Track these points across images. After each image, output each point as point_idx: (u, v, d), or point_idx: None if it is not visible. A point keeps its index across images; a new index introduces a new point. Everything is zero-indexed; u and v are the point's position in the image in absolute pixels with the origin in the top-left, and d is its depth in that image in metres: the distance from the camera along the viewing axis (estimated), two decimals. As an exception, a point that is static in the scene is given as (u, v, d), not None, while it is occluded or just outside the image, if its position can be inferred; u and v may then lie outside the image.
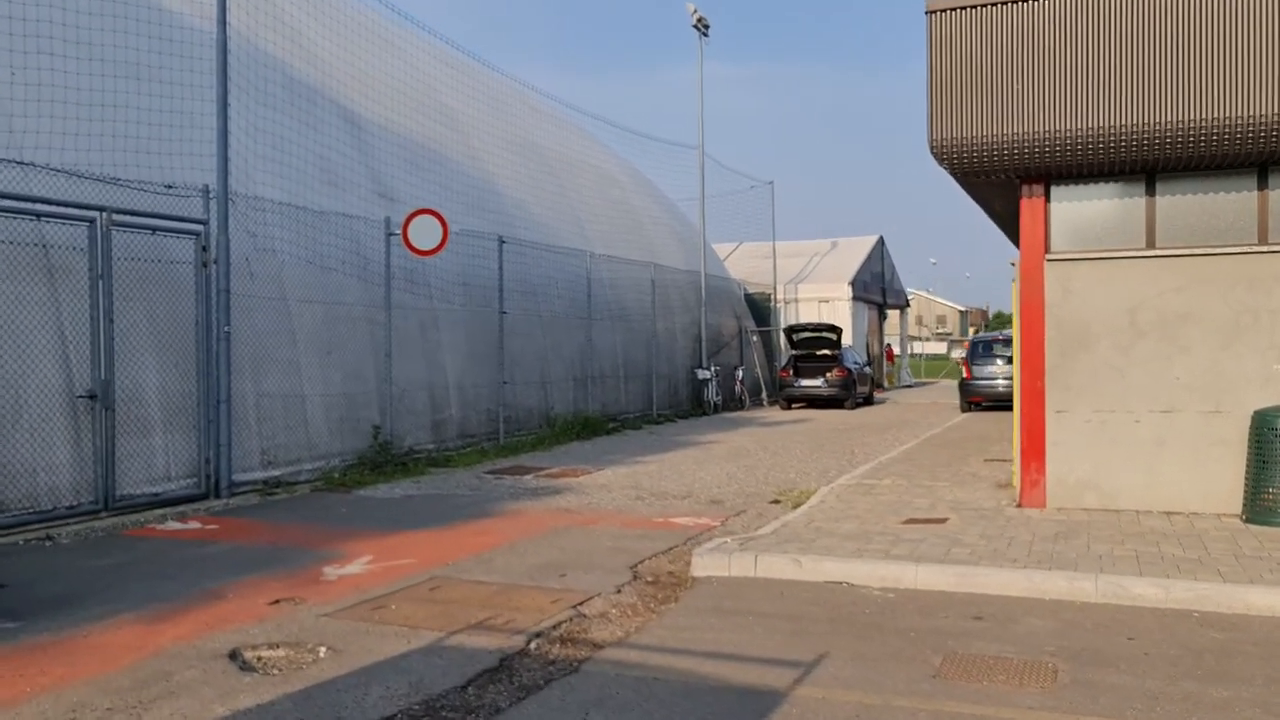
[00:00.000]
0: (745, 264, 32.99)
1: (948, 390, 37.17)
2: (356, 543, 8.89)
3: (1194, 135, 8.59)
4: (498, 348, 16.84)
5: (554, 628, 6.21)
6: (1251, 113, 8.37)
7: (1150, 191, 9.37)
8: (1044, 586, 6.74)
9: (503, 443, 16.54)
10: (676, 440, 18.10)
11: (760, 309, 31.00)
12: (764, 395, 28.99)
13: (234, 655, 5.71)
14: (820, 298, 32.63)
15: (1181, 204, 9.30)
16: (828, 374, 26.28)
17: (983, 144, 9.10)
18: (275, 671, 5.46)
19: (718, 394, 25.64)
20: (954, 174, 9.46)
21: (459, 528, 9.63)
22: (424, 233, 13.98)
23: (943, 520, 9.13)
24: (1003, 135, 9.04)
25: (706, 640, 5.94)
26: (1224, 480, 8.97)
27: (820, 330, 27.33)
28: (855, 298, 32.83)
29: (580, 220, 21.62)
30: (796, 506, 10.55)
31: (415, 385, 15.00)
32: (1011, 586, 6.82)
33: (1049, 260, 9.51)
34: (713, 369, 25.47)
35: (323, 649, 5.82)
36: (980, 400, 24.07)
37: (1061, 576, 6.76)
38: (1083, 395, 9.40)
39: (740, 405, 27.17)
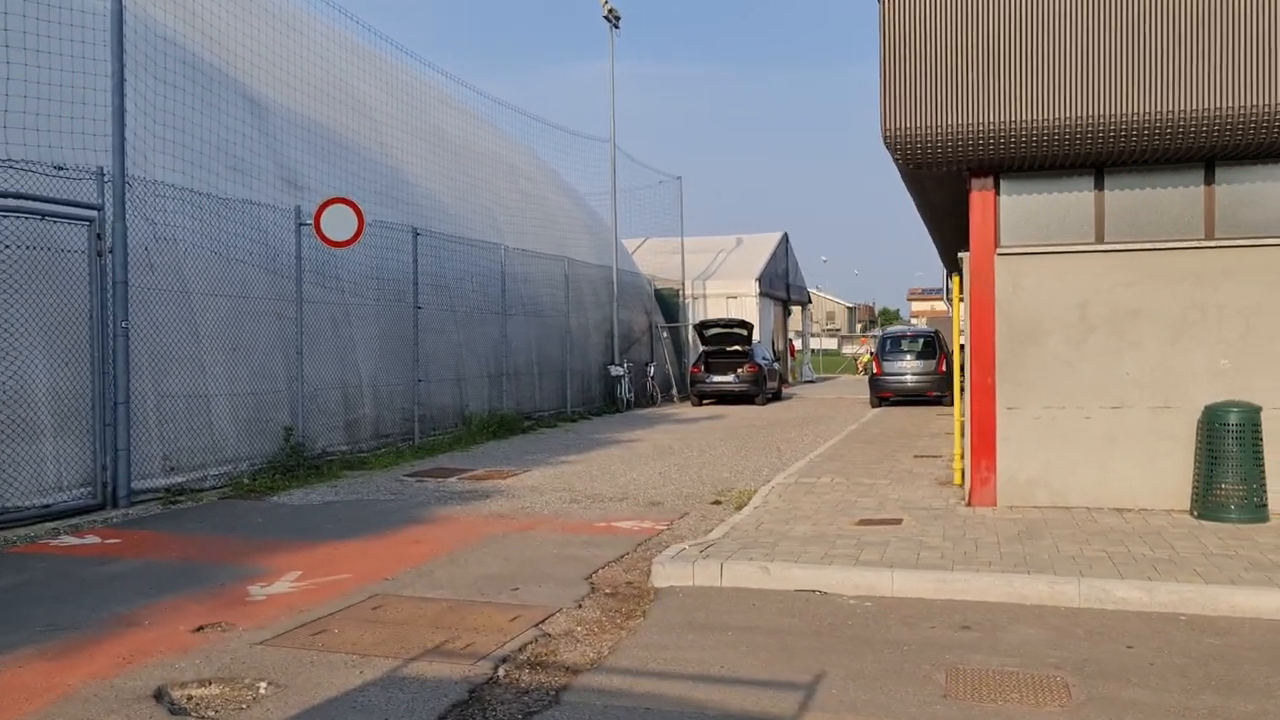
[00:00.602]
0: (652, 259, 32.65)
1: (848, 385, 37.60)
2: (281, 556, 8.17)
3: (1142, 129, 8.52)
4: (412, 344, 16.10)
5: (519, 650, 5.69)
6: (1200, 106, 8.34)
7: (1099, 186, 9.29)
8: (1025, 591, 6.51)
9: (418, 443, 15.81)
10: (596, 439, 17.63)
11: (669, 305, 30.73)
12: (674, 391, 28.72)
13: (160, 695, 5.03)
14: (728, 294, 32.52)
15: (1130, 198, 9.24)
16: (739, 370, 26.14)
17: (934, 135, 8.89)
18: (211, 714, 4.81)
19: (630, 391, 25.25)
20: (906, 165, 9.22)
21: (390, 537, 8.99)
22: (338, 223, 13.20)
23: (897, 521, 8.88)
24: (953, 126, 8.84)
25: (690, 661, 5.51)
26: (1173, 476, 8.94)
27: (731, 326, 27.18)
28: (762, 294, 32.83)
29: (492, 213, 20.94)
30: (740, 508, 10.21)
31: (327, 384, 14.18)
32: (991, 592, 6.57)
33: (999, 254, 9.35)
34: (626, 365, 25.07)
35: (263, 684, 5.18)
36: (890, 395, 24.24)
37: (1042, 581, 6.54)
38: (1033, 391, 9.27)
39: (652, 402, 26.84)
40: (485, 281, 19.10)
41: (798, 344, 42.35)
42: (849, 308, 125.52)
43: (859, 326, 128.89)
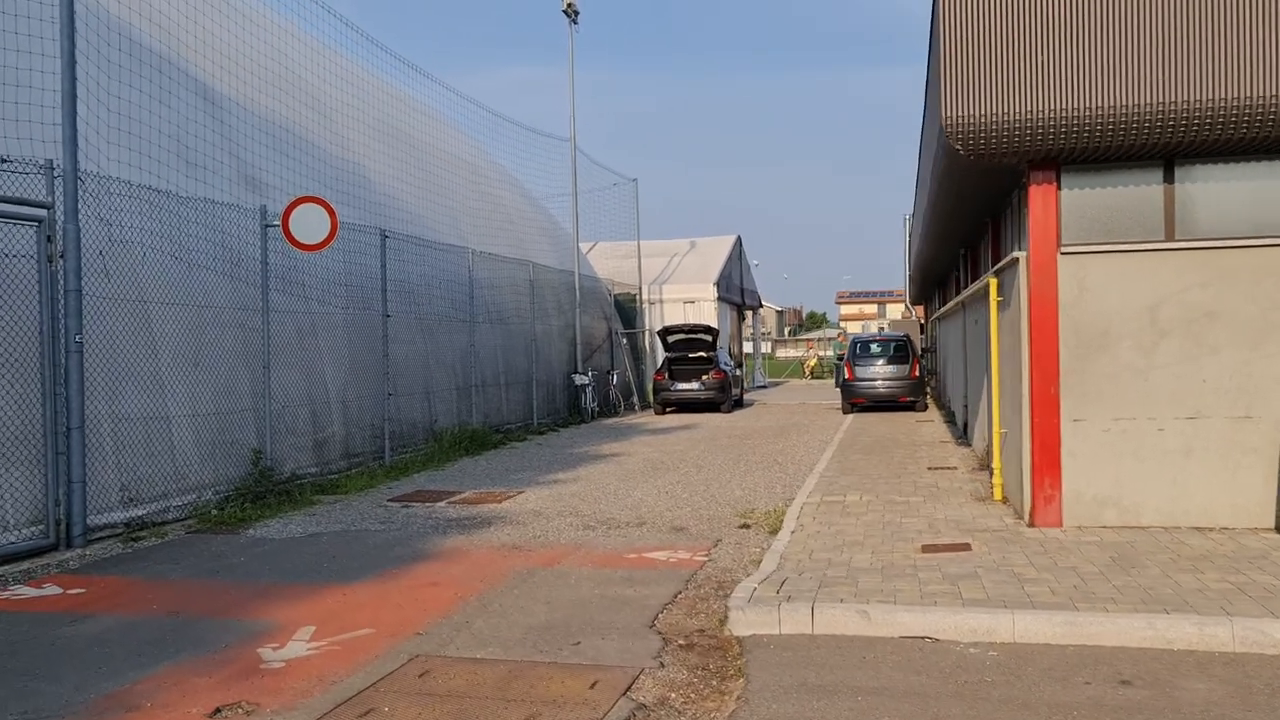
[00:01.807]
0: (605, 264, 31.68)
1: (803, 390, 37.10)
2: (283, 606, 7.06)
3: (1217, 116, 7.88)
4: (381, 356, 14.93)
5: (621, 730, 4.73)
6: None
7: (1169, 179, 8.64)
8: (1170, 635, 5.73)
9: (389, 463, 14.65)
10: (576, 454, 16.63)
11: (625, 310, 29.80)
12: (635, 400, 27.80)
13: (195, 811, 3.96)
14: (685, 298, 31.71)
15: (1203, 192, 8.61)
16: (704, 377, 25.34)
17: (998, 122, 8.14)
18: (269, 838, 3.77)
19: (594, 400, 24.26)
20: (967, 155, 8.44)
21: (401, 578, 7.91)
22: (309, 225, 12.03)
23: (965, 546, 8.09)
24: (1015, 113, 8.11)
25: (832, 738, 4.60)
26: (1255, 492, 8.31)
27: (695, 332, 26.38)
28: (720, 298, 32.10)
29: (455, 215, 19.80)
30: (773, 532, 9.35)
31: (295, 400, 12.97)
32: (1130, 635, 5.78)
33: (1063, 254, 8.63)
34: (589, 374, 24.08)
35: (322, 789, 4.14)
36: (863, 401, 23.65)
37: (1187, 622, 5.77)
38: (1101, 402, 8.56)
39: (615, 411, 25.89)
40: (451, 287, 17.97)
41: (749, 348, 41.77)
42: (778, 311, 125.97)
43: (787, 330, 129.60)
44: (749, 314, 42.14)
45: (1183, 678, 5.27)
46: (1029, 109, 8.10)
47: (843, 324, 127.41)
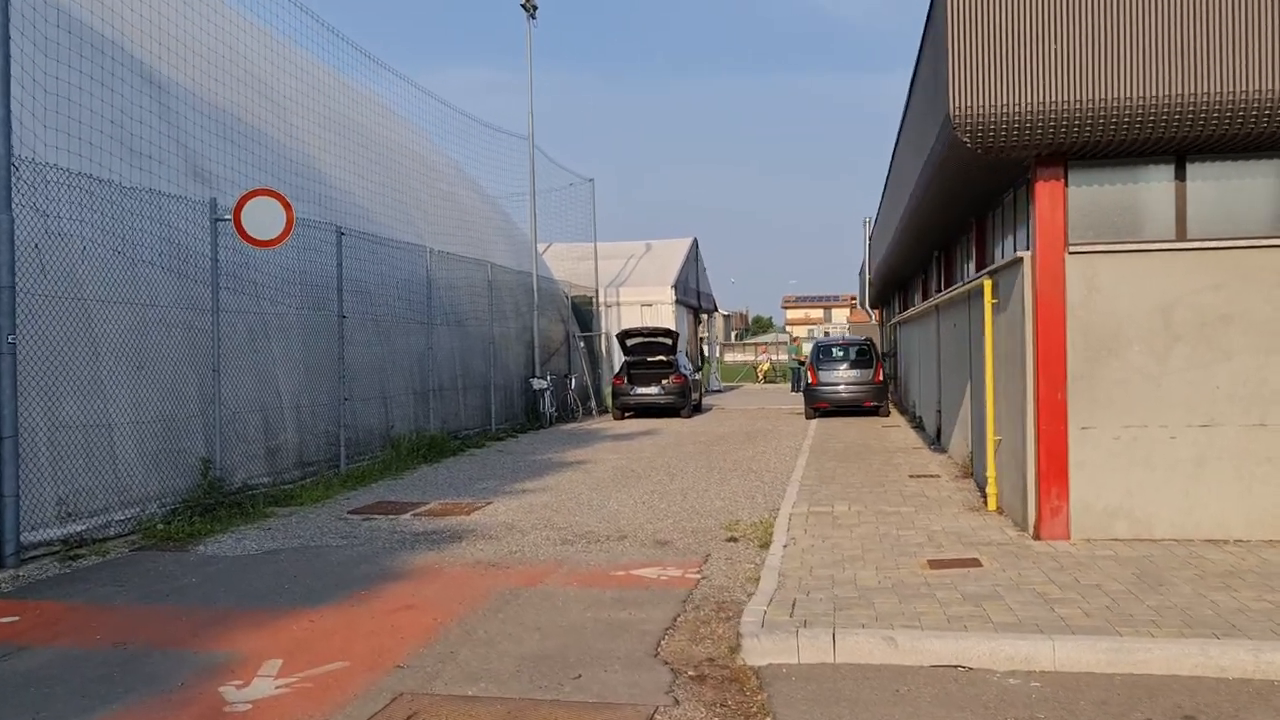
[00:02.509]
0: (560, 265, 31.05)
1: (758, 394, 36.74)
2: (245, 635, 6.39)
3: (1227, 109, 7.54)
4: (337, 359, 14.19)
5: (645, 782, 4.17)
6: (1297, 89, 7.40)
7: (1180, 175, 8.30)
8: (1224, 662, 5.32)
9: (345, 471, 13.92)
10: (539, 461, 16.01)
11: (583, 313, 29.17)
12: (593, 404, 27.21)
13: None
14: (643, 301, 31.20)
15: (1216, 189, 8.29)
16: (664, 381, 24.84)
17: (1007, 115, 7.73)
18: None
19: (552, 405, 23.63)
20: (974, 149, 8.01)
21: (371, 600, 7.27)
22: (262, 219, 11.30)
23: (974, 562, 7.65)
24: (1023, 105, 7.71)
25: (887, 790, 4.08)
26: (1270, 502, 7.99)
27: (655, 335, 25.87)
28: (677, 301, 31.64)
29: (410, 214, 19.07)
30: (765, 546, 8.86)
31: (246, 406, 12.20)
32: (1182, 663, 5.36)
33: (1071, 253, 8.25)
34: (548, 378, 23.44)
35: None
36: (826, 406, 23.29)
37: (1241, 649, 5.35)
38: (1111, 408, 8.19)
39: (573, 416, 25.28)
40: (409, 288, 17.26)
41: (705, 351, 41.38)
42: (725, 315, 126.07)
43: (734, 334, 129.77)
44: (704, 317, 41.79)
45: (1246, 710, 4.85)
46: (1039, 100, 7.70)
47: (789, 328, 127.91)
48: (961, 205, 11.72)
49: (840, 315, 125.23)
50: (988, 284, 9.81)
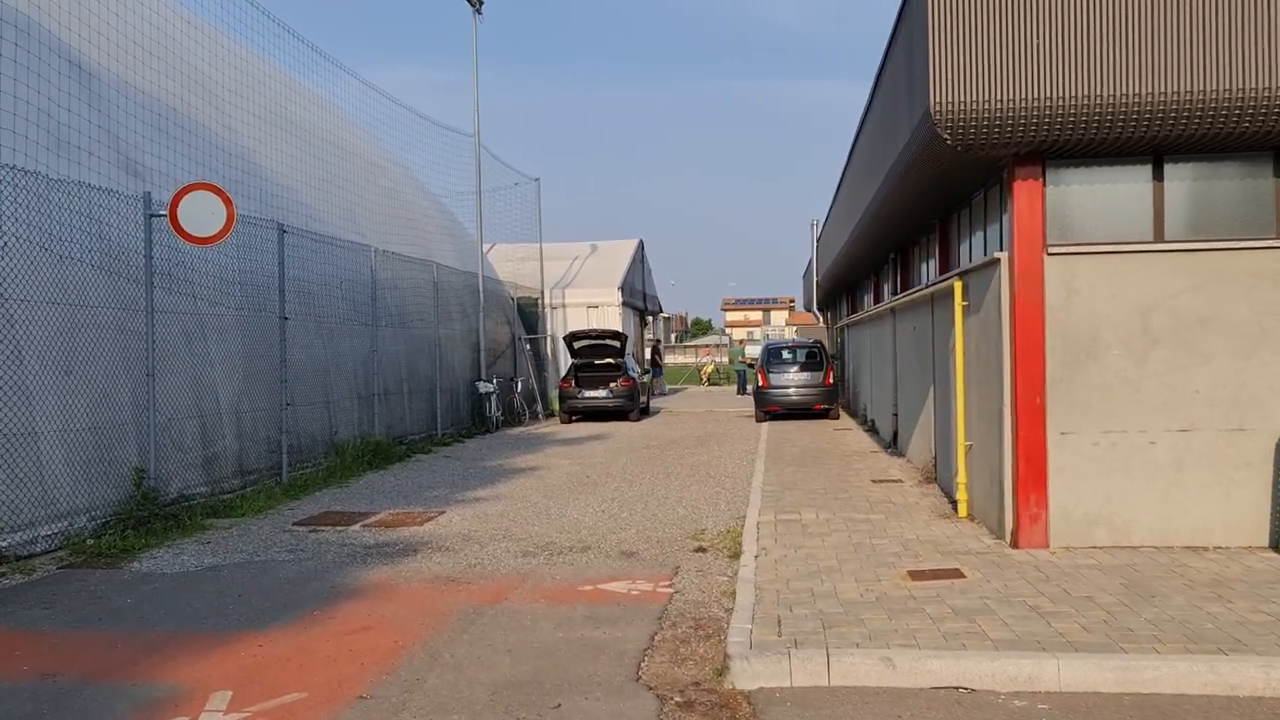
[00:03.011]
0: (504, 266, 30.48)
1: (704, 397, 36.53)
2: (188, 663, 5.87)
3: (1206, 109, 7.41)
4: (278, 362, 13.57)
5: (646, 829, 3.79)
6: (1275, 85, 7.29)
7: (1158, 176, 8.15)
8: (1234, 680, 5.10)
9: (288, 480, 13.31)
10: (490, 467, 15.53)
11: (527, 315, 28.66)
12: (539, 408, 26.72)
13: None
14: (589, 303, 30.76)
15: (1193, 190, 8.15)
16: (613, 384, 24.46)
17: (989, 110, 7.50)
18: None
19: (498, 409, 23.10)
20: (954, 146, 7.77)
21: (325, 621, 6.79)
22: (200, 214, 10.72)
23: (956, 573, 7.40)
24: (1004, 101, 7.49)
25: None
26: (1249, 508, 7.87)
27: (603, 338, 25.48)
28: (624, 303, 31.27)
29: (353, 212, 18.45)
30: (734, 556, 8.54)
31: (182, 412, 11.56)
32: (1190, 681, 5.13)
33: (1050, 254, 8.05)
34: (494, 381, 22.92)
35: None
36: (777, 409, 23.11)
37: (1251, 665, 5.15)
38: (1090, 413, 8.01)
39: (520, 420, 24.78)
40: (352, 288, 16.65)
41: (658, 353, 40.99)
42: (665, 318, 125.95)
43: (674, 336, 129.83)
44: (650, 319, 41.47)
45: (1271, 733, 4.63)
46: (1020, 96, 7.49)
47: (728, 330, 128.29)
48: (926, 206, 11.53)
49: (779, 317, 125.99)
50: (958, 285, 9.60)
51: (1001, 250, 8.33)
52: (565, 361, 28.14)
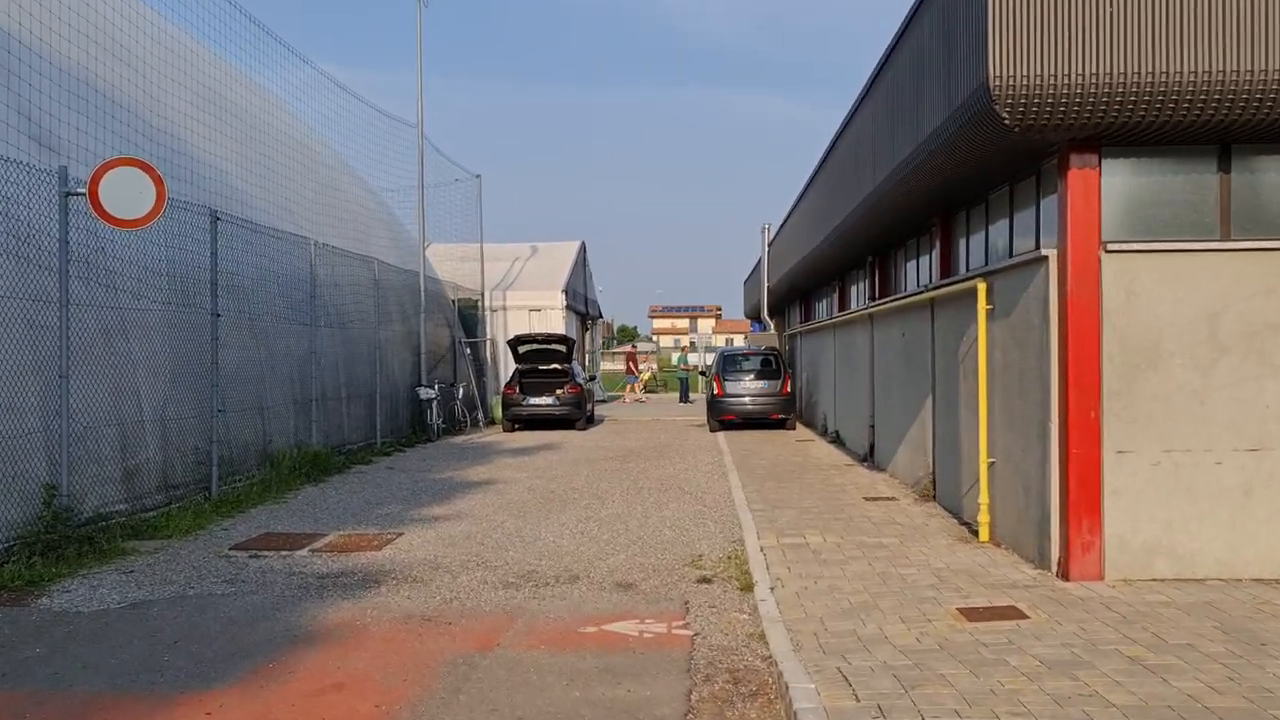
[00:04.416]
0: (441, 267, 29.03)
1: (640, 405, 35.48)
2: (118, 743, 4.65)
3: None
4: (209, 363, 12.18)
5: None
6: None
7: (1224, 166, 7.38)
8: None
9: (218, 494, 11.94)
10: (439, 480, 14.31)
11: (468, 318, 27.33)
12: (480, 415, 25.44)
13: None
14: (531, 306, 29.54)
15: (1264, 184, 7.39)
16: (559, 391, 23.33)
17: (1052, 87, 6.64)
18: None
19: (439, 416, 21.79)
20: (1013, 126, 6.88)
21: (284, 677, 5.59)
22: (126, 194, 9.39)
23: (1015, 612, 6.50)
24: (1066, 76, 6.64)
25: None
26: (1322, 536, 7.11)
27: (549, 342, 24.33)
28: (568, 306, 30.14)
29: (289, 203, 17.04)
30: (746, 589, 7.55)
31: (100, 420, 10.16)
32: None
33: (1107, 252, 7.22)
34: (435, 387, 21.60)
35: None
36: (733, 419, 22.21)
37: None
38: (1150, 429, 7.19)
39: (461, 429, 23.49)
40: (290, 284, 15.28)
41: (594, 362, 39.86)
42: (604, 323, 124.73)
43: (602, 342, 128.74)
44: (590, 324, 40.37)
45: None
46: (1088, 70, 6.64)
47: (655, 337, 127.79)
48: (929, 202, 10.69)
49: (706, 325, 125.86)
50: (981, 287, 8.75)
51: (1039, 247, 7.48)
52: (507, 366, 26.92)
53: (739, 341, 74.52)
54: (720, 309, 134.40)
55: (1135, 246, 7.22)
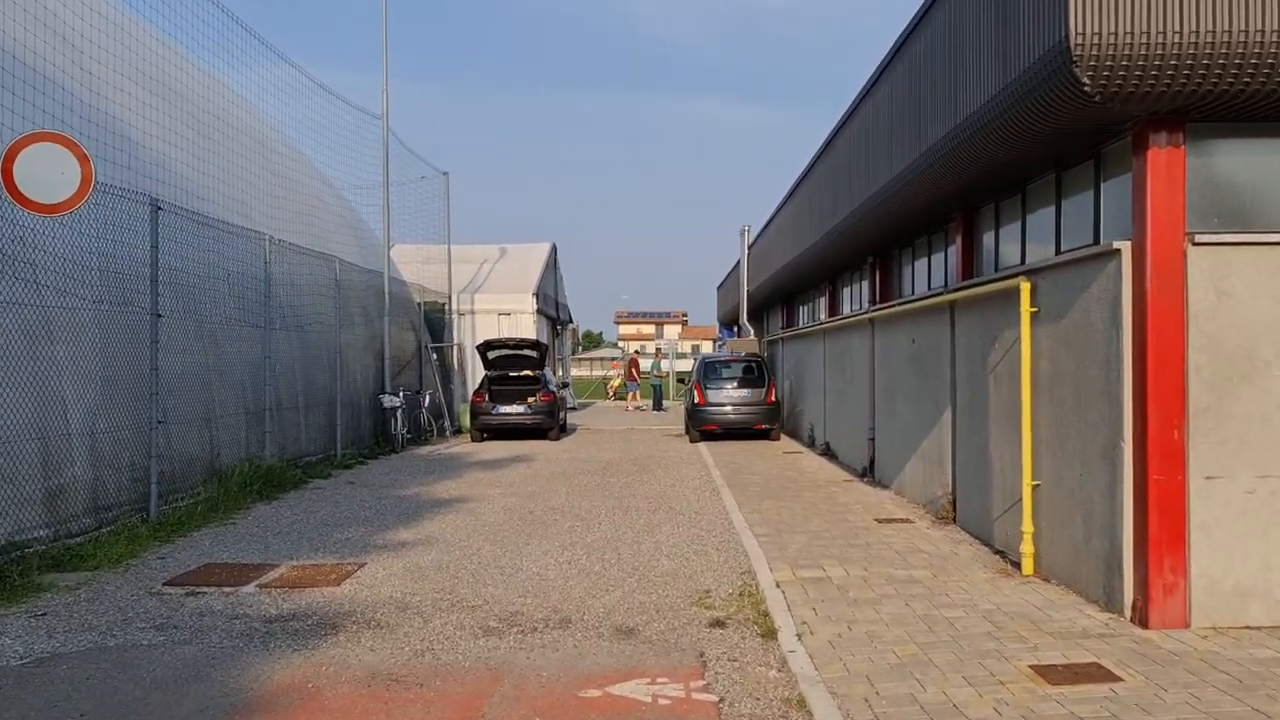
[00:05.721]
0: (405, 268, 27.68)
1: (614, 413, 34.41)
2: None
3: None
4: (148, 369, 10.90)
5: None
6: None
7: (1330, 147, 6.40)
8: None
9: (157, 516, 10.66)
10: (404, 497, 13.10)
11: (434, 322, 26.06)
12: (448, 424, 24.19)
13: None
14: (500, 309, 28.29)
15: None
16: (531, 400, 22.17)
17: (1144, 46, 5.62)
18: None
19: (404, 426, 20.53)
20: (1094, 93, 5.85)
21: (216, 772, 4.41)
22: (46, 174, 8.17)
23: (1101, 672, 5.46)
24: (1159, 34, 5.63)
25: None
26: None
27: (521, 348, 23.15)
28: (538, 310, 28.95)
29: (242, 196, 15.73)
30: (769, 635, 6.47)
31: (18, 432, 8.88)
32: None
33: (1194, 245, 6.21)
34: (400, 395, 20.34)
35: None
36: (715, 429, 21.14)
37: None
38: (1244, 452, 6.19)
39: (427, 439, 22.24)
40: (242, 283, 14.01)
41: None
42: (573, 328, 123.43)
43: (569, 348, 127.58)
44: (560, 329, 39.17)
45: None
46: (1184, 27, 5.63)
47: (621, 343, 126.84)
48: (950, 194, 9.67)
49: (672, 330, 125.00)
50: (1025, 287, 7.74)
51: (1098, 241, 6.47)
52: (475, 373, 25.71)
53: (707, 348, 73.64)
54: (686, 315, 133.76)
55: (1228, 239, 6.22)
